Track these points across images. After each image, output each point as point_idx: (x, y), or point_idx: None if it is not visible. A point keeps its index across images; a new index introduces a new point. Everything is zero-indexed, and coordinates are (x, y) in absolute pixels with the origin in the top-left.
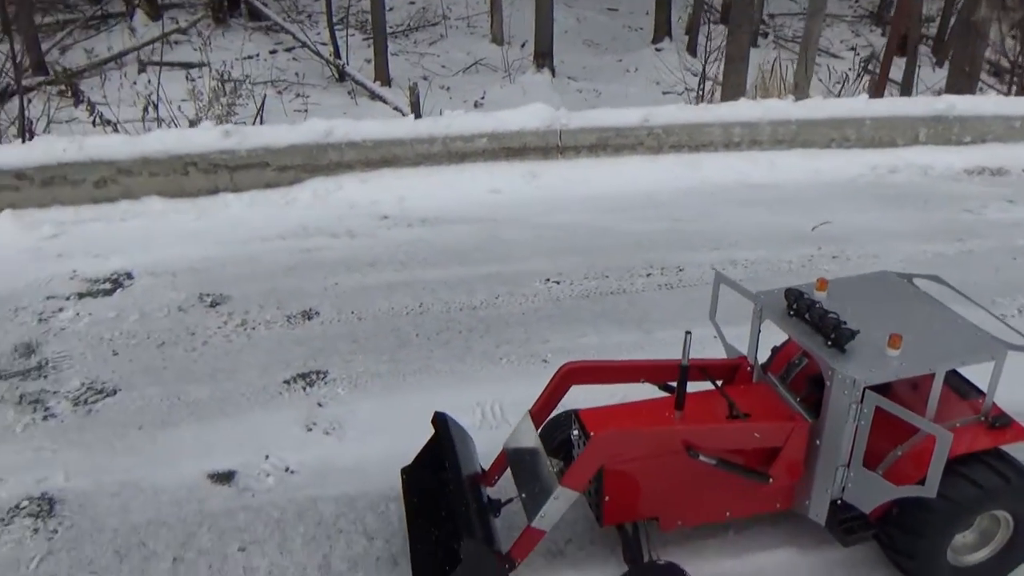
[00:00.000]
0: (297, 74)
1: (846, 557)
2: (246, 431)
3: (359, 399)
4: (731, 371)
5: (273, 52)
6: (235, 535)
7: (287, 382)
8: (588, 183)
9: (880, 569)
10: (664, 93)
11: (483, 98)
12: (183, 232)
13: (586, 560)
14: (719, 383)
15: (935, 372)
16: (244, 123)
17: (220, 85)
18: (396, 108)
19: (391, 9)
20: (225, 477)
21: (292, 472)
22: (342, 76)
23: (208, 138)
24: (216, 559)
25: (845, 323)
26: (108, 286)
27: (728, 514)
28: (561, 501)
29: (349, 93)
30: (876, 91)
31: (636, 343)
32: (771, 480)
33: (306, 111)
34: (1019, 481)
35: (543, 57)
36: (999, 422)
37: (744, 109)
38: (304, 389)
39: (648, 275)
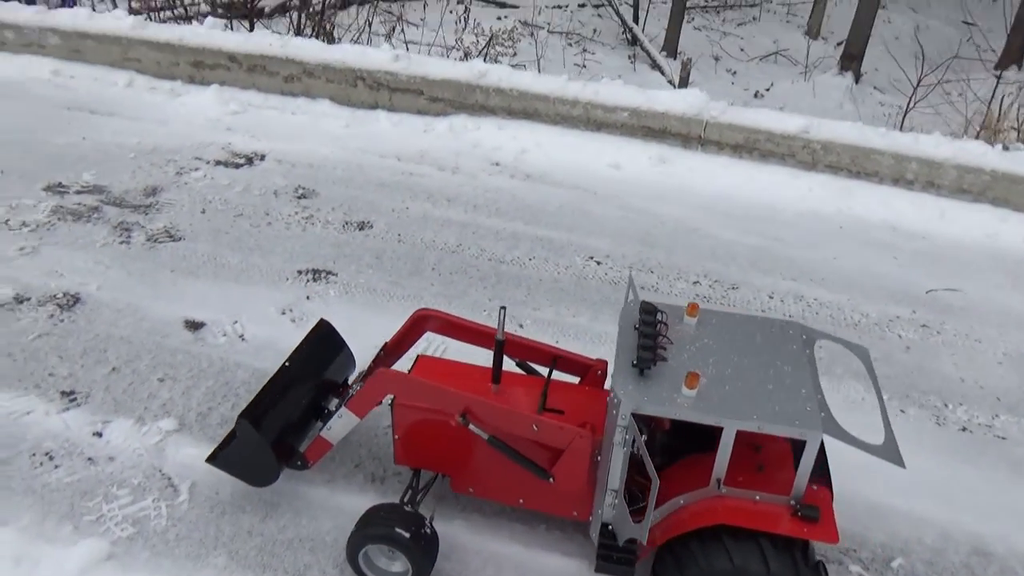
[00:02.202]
0: (595, 30)
1: None
2: (238, 297)
3: (341, 303)
4: (585, 370)
5: (582, 5)
6: (164, 368)
7: (300, 272)
8: (714, 182)
9: None
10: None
11: (768, 90)
12: (329, 133)
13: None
14: (558, 376)
15: (723, 427)
16: (523, 66)
17: (507, 30)
18: (670, 81)
19: None
20: (194, 325)
21: (243, 339)
22: (634, 40)
23: (380, 58)
24: (139, 379)
25: (663, 349)
26: (242, 161)
27: (521, 502)
28: (344, 420)
29: (629, 57)
30: None
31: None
32: (552, 479)
33: (584, 67)
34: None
35: (850, 60)
36: (806, 513)
37: (930, 144)
38: (307, 282)
39: (695, 283)
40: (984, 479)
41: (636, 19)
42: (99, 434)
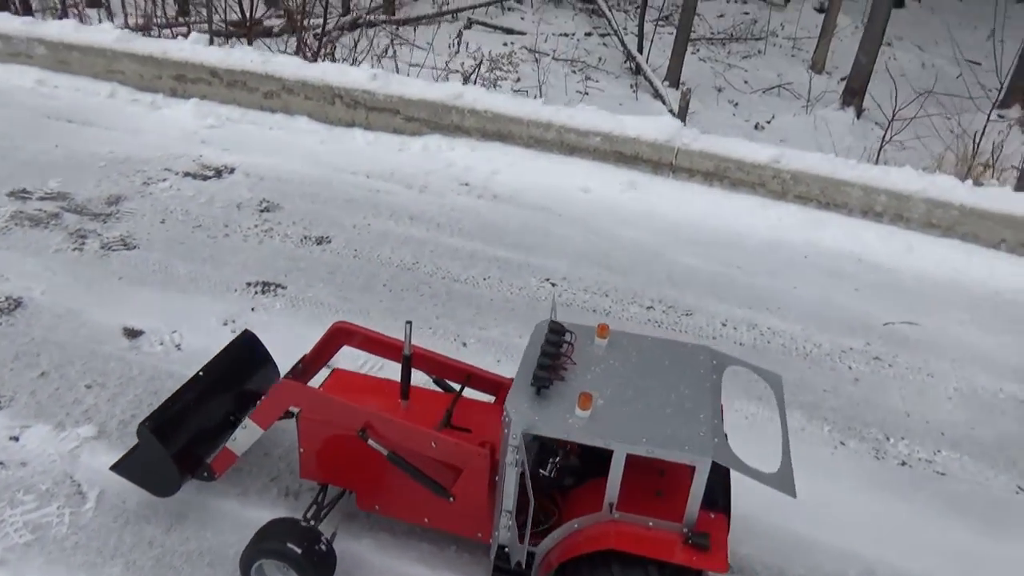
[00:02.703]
0: (600, 59)
1: None
2: (182, 307)
3: (285, 316)
4: (498, 388)
5: (588, 34)
6: (94, 375)
7: (249, 284)
8: (682, 208)
9: None
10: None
11: (769, 122)
12: (303, 149)
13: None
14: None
15: (614, 450)
16: (525, 92)
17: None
18: (671, 110)
19: (721, 16)
20: (133, 333)
21: (179, 349)
22: (638, 69)
23: (358, 77)
24: (67, 385)
25: (564, 369)
26: (210, 174)
27: (426, 521)
28: (248, 432)
29: (632, 86)
30: None
31: None
32: (452, 499)
33: (585, 94)
34: None
35: (852, 95)
36: (696, 541)
37: (900, 177)
38: (255, 294)
39: (649, 307)
40: (917, 515)
41: (640, 49)
42: (15, 438)
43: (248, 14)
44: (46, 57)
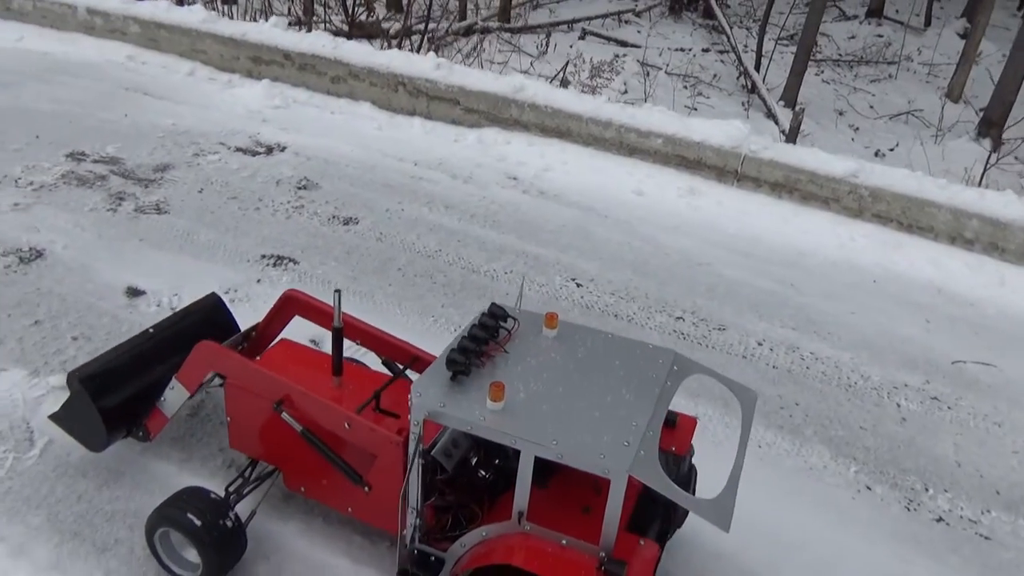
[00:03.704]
0: (715, 75)
1: None
2: (189, 272)
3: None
4: None
5: (706, 50)
6: (84, 328)
7: (264, 256)
8: (742, 220)
9: None
10: None
11: (892, 150)
12: (358, 134)
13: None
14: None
15: (521, 451)
16: (633, 103)
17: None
18: (783, 131)
19: (852, 38)
20: (135, 293)
21: (172, 309)
22: (753, 87)
23: (423, 66)
24: (55, 335)
25: (489, 357)
26: (261, 150)
27: (350, 511)
28: (175, 392)
29: (744, 104)
30: None
31: None
32: (367, 488)
33: (694, 109)
34: None
35: (989, 125)
36: (610, 569)
37: (998, 202)
38: (265, 267)
39: (678, 318)
40: None
41: (758, 67)
42: None
43: (351, 13)
44: (139, 35)
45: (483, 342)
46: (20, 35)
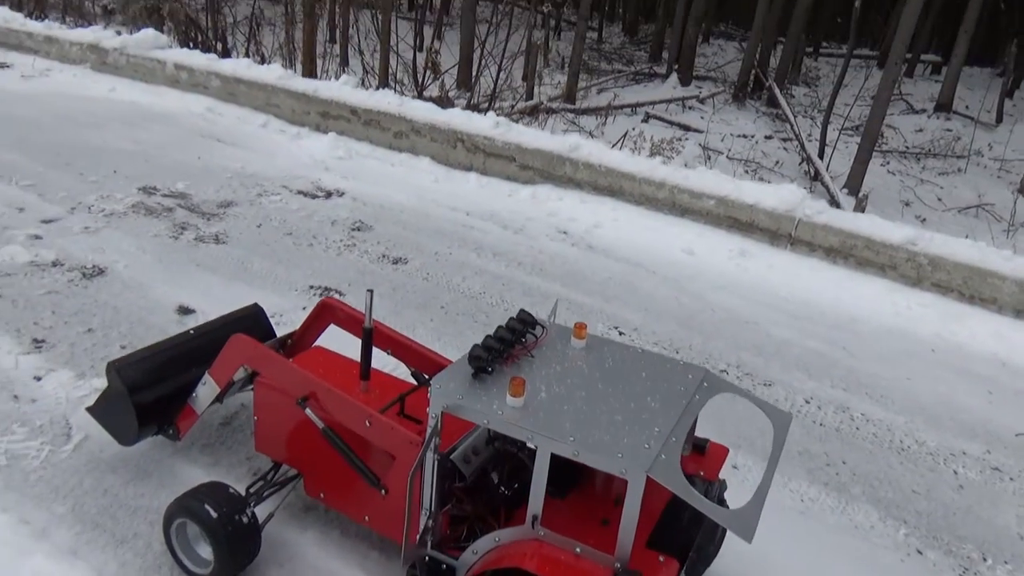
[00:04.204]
0: (777, 161)
1: None
2: (239, 296)
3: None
4: None
5: (769, 137)
6: (132, 338)
7: (312, 287)
8: (794, 283)
9: None
10: None
11: None
12: (416, 185)
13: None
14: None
15: (537, 448)
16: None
17: (669, 139)
18: None
19: (919, 131)
20: (184, 310)
21: None
22: (816, 174)
23: (482, 124)
24: (105, 343)
25: (516, 360)
26: (321, 195)
27: (367, 519)
28: (207, 388)
29: (807, 190)
30: None
31: None
32: (384, 492)
33: None
34: None
35: None
36: None
37: None
38: (312, 296)
39: (722, 371)
40: None
41: (821, 155)
42: (39, 378)
43: (420, 84)
44: (220, 89)
45: (509, 344)
46: (113, 86)
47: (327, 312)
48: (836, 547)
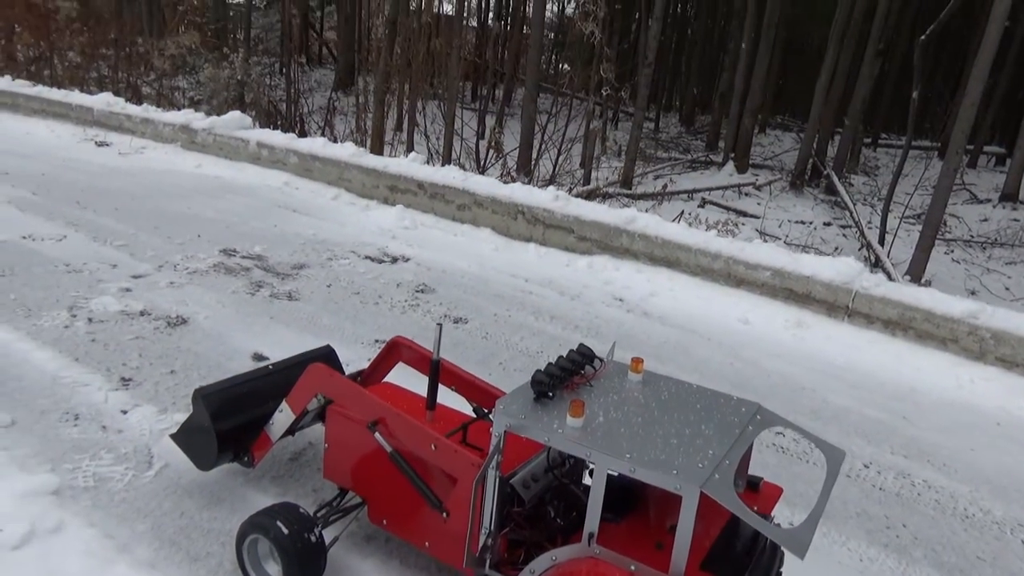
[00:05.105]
0: (837, 248)
1: None
2: (309, 346)
3: (395, 371)
4: None
5: (828, 224)
6: (213, 379)
7: (377, 340)
8: (851, 354)
9: None
10: None
11: None
12: (477, 254)
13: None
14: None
15: (594, 465)
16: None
17: (723, 222)
18: None
19: (984, 220)
20: (258, 357)
21: None
22: (877, 261)
23: (542, 197)
24: (187, 383)
25: (576, 388)
26: (387, 260)
27: (427, 545)
28: (284, 416)
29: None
30: None
31: None
32: (446, 515)
33: None
34: None
35: None
36: None
37: None
38: (378, 349)
39: (778, 433)
40: None
41: (882, 242)
42: (125, 412)
43: (482, 163)
44: (296, 165)
45: (569, 372)
46: (199, 163)
47: (397, 350)
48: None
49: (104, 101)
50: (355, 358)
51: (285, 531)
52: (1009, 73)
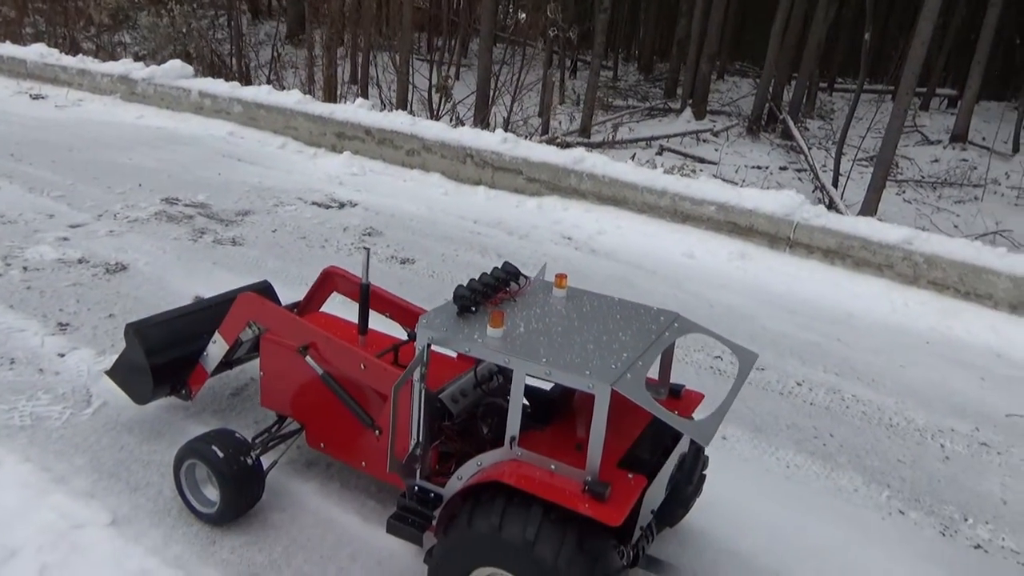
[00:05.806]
0: (796, 191)
1: None
2: None
3: (339, 308)
4: None
5: (783, 168)
6: None
7: None
8: (793, 283)
9: None
10: None
11: None
12: (426, 198)
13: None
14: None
15: (513, 370)
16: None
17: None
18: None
19: (935, 161)
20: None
21: None
22: (830, 203)
23: (490, 140)
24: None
25: (498, 303)
26: (334, 205)
27: (363, 465)
28: (217, 346)
29: None
30: None
31: None
32: (378, 432)
33: None
34: (532, 544)
35: None
36: (593, 488)
37: None
38: None
39: (716, 357)
40: None
41: (836, 184)
42: (62, 355)
43: (435, 113)
44: (241, 114)
45: (493, 288)
46: (140, 114)
47: (331, 280)
48: (819, 507)
49: (37, 52)
50: (297, 297)
51: (220, 454)
52: (961, 15)
